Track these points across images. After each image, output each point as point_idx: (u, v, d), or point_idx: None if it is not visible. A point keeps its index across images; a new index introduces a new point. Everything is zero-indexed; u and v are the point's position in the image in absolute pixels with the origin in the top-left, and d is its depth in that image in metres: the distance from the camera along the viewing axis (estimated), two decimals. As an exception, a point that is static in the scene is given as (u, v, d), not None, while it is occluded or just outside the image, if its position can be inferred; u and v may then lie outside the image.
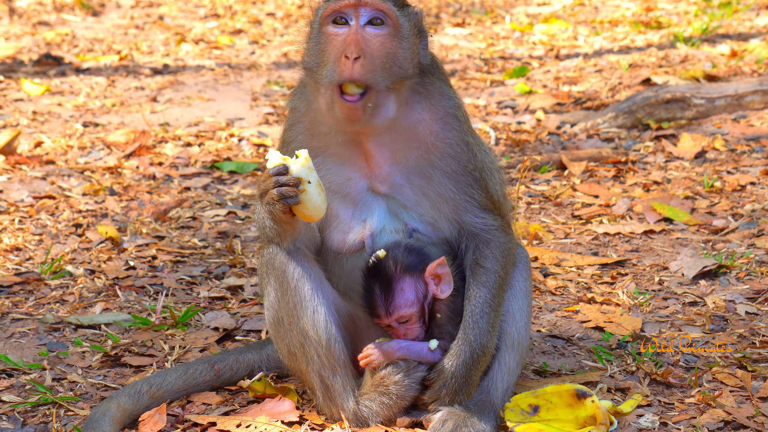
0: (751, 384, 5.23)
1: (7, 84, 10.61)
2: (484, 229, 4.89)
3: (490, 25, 12.94)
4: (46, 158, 8.49)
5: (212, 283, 6.52)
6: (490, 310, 4.81)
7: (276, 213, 4.66)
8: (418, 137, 4.82)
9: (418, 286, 4.76)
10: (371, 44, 4.66)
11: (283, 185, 4.59)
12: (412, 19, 4.79)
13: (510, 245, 4.94)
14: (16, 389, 5.33)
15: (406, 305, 4.75)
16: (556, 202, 7.59)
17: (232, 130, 9.24)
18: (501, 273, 4.88)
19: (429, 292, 4.79)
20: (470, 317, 4.80)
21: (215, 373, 5.31)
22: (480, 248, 4.89)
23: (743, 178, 7.84)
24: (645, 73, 10.36)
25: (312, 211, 4.62)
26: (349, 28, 4.68)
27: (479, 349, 4.77)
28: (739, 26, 12.16)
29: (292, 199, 4.59)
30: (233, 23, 13.04)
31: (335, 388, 4.86)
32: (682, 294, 6.24)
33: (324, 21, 4.73)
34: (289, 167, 4.60)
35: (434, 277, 4.78)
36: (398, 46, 4.73)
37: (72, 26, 12.95)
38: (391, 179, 4.84)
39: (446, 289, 4.80)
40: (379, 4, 4.69)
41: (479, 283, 4.84)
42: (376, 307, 4.75)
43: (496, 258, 4.88)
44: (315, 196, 4.60)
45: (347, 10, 4.69)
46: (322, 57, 4.72)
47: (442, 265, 4.78)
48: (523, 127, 9.24)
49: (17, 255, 6.85)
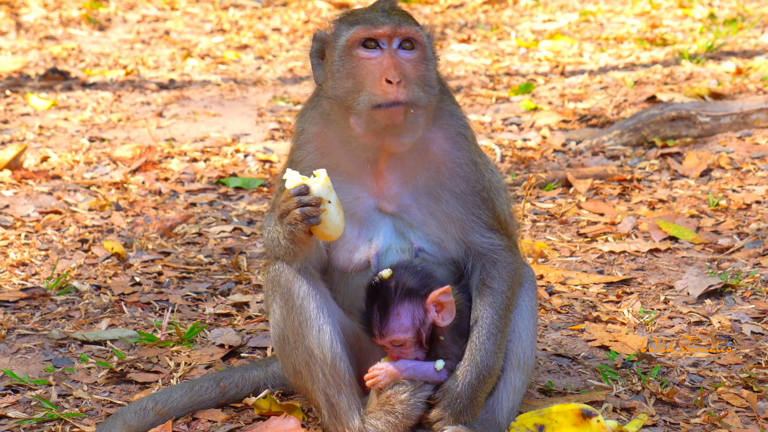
0: (757, 404, 5.23)
1: (13, 98, 10.63)
2: (491, 248, 4.90)
3: (496, 41, 12.96)
4: (53, 173, 8.51)
5: (218, 300, 6.52)
6: (496, 331, 4.81)
7: (297, 233, 4.67)
8: (430, 157, 4.85)
9: (416, 312, 4.75)
10: (406, 68, 4.71)
11: (306, 205, 4.60)
12: (431, 41, 4.84)
13: (516, 265, 4.95)
14: (21, 405, 5.34)
15: (400, 330, 4.74)
16: (562, 220, 7.60)
17: (238, 145, 9.26)
18: (508, 293, 4.88)
19: (428, 319, 4.76)
20: (477, 338, 4.80)
21: (221, 390, 5.31)
22: (487, 268, 4.90)
23: (749, 196, 7.84)
24: (650, 90, 10.36)
25: (331, 231, 4.63)
26: (383, 52, 4.72)
27: (486, 370, 4.77)
28: (744, 43, 12.18)
29: (314, 219, 4.60)
30: (239, 38, 13.07)
31: (341, 406, 4.86)
32: (687, 313, 6.23)
33: (352, 46, 4.75)
34: (309, 187, 4.61)
35: (436, 305, 4.76)
36: (426, 68, 4.79)
37: (78, 41, 12.98)
38: (399, 199, 4.85)
39: (447, 317, 4.77)
40: (412, 30, 4.75)
41: (486, 304, 4.84)
42: (372, 326, 4.76)
43: (503, 278, 4.88)
44: (335, 216, 4.61)
45: (381, 38, 4.73)
46: (354, 83, 4.73)
47: (446, 294, 4.75)
48: (528, 144, 9.25)
49: (23, 270, 6.86)
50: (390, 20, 4.73)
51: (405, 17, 4.79)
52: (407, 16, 4.82)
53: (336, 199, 4.63)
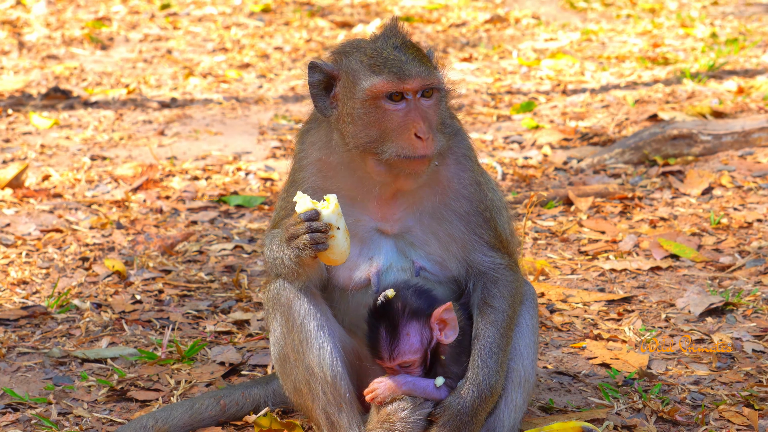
0: (759, 423, 5.22)
1: (15, 117, 10.65)
2: (492, 267, 4.90)
3: (498, 60, 12.98)
4: (54, 192, 8.52)
5: (218, 318, 6.52)
6: (498, 349, 4.81)
7: (304, 258, 4.67)
8: (438, 180, 4.85)
9: (423, 332, 4.74)
10: (429, 115, 4.71)
11: (315, 231, 4.60)
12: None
13: (517, 284, 4.95)
14: (21, 423, 5.33)
15: (411, 351, 4.72)
16: (563, 238, 7.59)
17: (240, 164, 9.27)
18: (509, 311, 4.87)
19: (434, 338, 4.76)
20: (479, 356, 4.79)
21: (221, 408, 5.31)
22: (488, 287, 4.89)
23: (750, 215, 7.84)
24: (652, 109, 10.37)
25: (337, 257, 4.63)
26: (408, 104, 4.69)
27: (488, 389, 4.76)
28: (746, 63, 12.19)
29: (322, 245, 4.60)
30: (241, 57, 13.10)
31: (341, 424, 4.86)
32: (689, 331, 6.22)
33: (377, 97, 4.69)
34: (320, 213, 4.60)
35: (440, 323, 4.75)
36: (444, 108, 4.83)
37: (81, 60, 13.01)
38: (402, 222, 4.85)
39: (451, 335, 4.76)
40: (436, 80, 4.73)
41: (488, 323, 4.83)
42: (380, 349, 4.73)
43: (504, 297, 4.88)
44: (342, 242, 4.61)
45: (408, 92, 4.71)
46: (378, 132, 4.70)
47: (448, 311, 4.74)
48: (529, 163, 9.25)
49: (24, 288, 6.86)
50: (415, 71, 4.67)
51: (424, 62, 4.73)
52: (425, 59, 4.76)
53: (344, 225, 4.62)
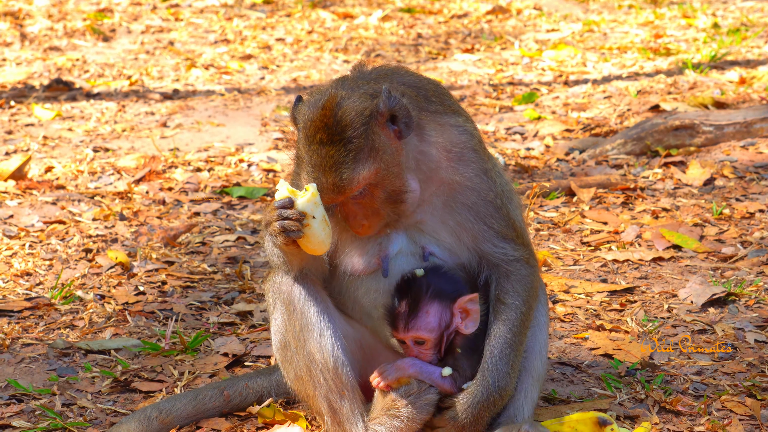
0: (761, 413, 5.23)
1: (18, 109, 10.65)
2: (504, 260, 4.81)
3: (499, 51, 12.97)
4: (57, 183, 8.52)
5: (222, 309, 6.53)
6: (510, 350, 4.75)
7: (278, 244, 4.68)
8: (442, 179, 4.77)
9: (443, 314, 4.73)
10: (363, 204, 4.67)
11: (286, 219, 4.59)
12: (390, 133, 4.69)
13: (533, 278, 4.85)
14: (26, 414, 5.34)
15: (426, 329, 4.72)
16: (565, 229, 7.60)
17: (242, 155, 9.27)
18: (523, 309, 4.80)
19: (453, 324, 4.75)
20: (489, 358, 4.75)
21: (225, 399, 5.32)
22: (501, 282, 4.82)
23: (752, 205, 7.84)
24: (654, 99, 10.37)
25: (315, 246, 4.62)
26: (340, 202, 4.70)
27: (496, 391, 4.73)
28: (748, 53, 12.18)
29: (294, 233, 4.58)
30: (243, 48, 13.09)
31: (343, 412, 4.85)
32: (691, 321, 6.23)
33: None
34: (294, 201, 4.60)
35: (462, 311, 4.74)
36: (393, 180, 4.68)
37: (83, 51, 13.01)
38: (412, 216, 4.82)
39: (471, 326, 4.75)
40: (347, 193, 4.63)
41: (500, 321, 4.77)
42: (397, 319, 4.73)
43: (518, 293, 4.81)
44: (319, 231, 4.60)
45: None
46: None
47: (473, 302, 4.73)
48: (531, 154, 9.25)
49: (27, 280, 6.87)
50: (328, 188, 4.60)
51: (343, 168, 4.57)
52: (347, 160, 4.58)
53: (322, 215, 4.60)
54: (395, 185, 4.66)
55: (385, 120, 4.61)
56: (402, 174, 4.67)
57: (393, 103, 4.60)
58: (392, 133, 4.64)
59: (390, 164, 4.63)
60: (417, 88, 4.85)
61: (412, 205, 4.73)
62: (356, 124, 4.55)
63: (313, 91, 4.76)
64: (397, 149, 4.65)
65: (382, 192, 4.64)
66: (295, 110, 4.71)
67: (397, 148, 4.65)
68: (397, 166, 4.65)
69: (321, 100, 4.59)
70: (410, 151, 4.70)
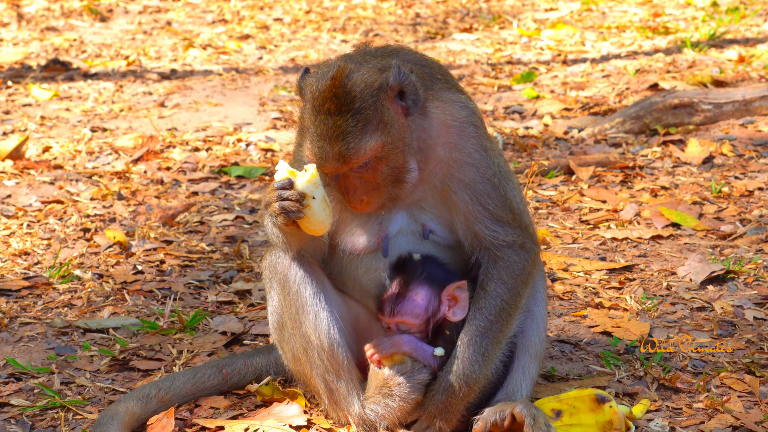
0: (759, 389, 5.23)
1: (15, 89, 10.63)
2: (494, 244, 4.74)
3: (498, 30, 12.94)
4: (54, 163, 8.51)
5: (220, 288, 6.53)
6: (481, 338, 4.70)
7: (278, 224, 4.66)
8: (440, 157, 4.73)
9: (432, 300, 4.71)
10: (364, 180, 4.64)
11: (286, 200, 4.57)
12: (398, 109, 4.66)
13: (524, 264, 4.78)
14: (24, 393, 5.34)
15: (412, 314, 4.71)
16: (564, 207, 7.59)
17: (240, 135, 9.26)
18: (506, 296, 4.74)
19: (441, 311, 4.74)
20: (460, 344, 4.71)
21: (223, 377, 5.32)
22: (488, 268, 4.76)
23: (751, 183, 7.83)
24: (652, 78, 10.35)
25: (315, 226, 4.60)
26: (341, 175, 4.66)
27: (462, 378, 4.69)
28: (747, 32, 12.16)
29: (293, 214, 4.55)
30: (241, 28, 13.06)
31: (340, 392, 4.85)
32: (690, 299, 6.23)
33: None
34: (294, 182, 4.59)
35: (450, 298, 4.72)
36: (397, 156, 4.65)
37: (80, 32, 12.98)
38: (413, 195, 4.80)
39: (459, 313, 4.72)
40: (352, 164, 4.59)
41: (476, 308, 4.73)
42: (384, 302, 4.73)
43: (503, 280, 4.74)
44: (319, 212, 4.58)
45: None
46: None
47: (461, 289, 4.71)
48: (530, 133, 9.24)
49: (26, 259, 6.87)
50: (333, 156, 4.55)
51: (350, 138, 4.54)
52: (355, 130, 4.55)
53: (322, 195, 4.58)
54: (398, 161, 4.63)
55: (394, 94, 4.59)
56: (405, 152, 4.64)
57: (402, 78, 4.58)
58: (400, 108, 4.62)
59: (396, 139, 4.60)
60: (422, 65, 4.83)
61: (411, 186, 4.71)
62: (365, 95, 4.52)
63: (320, 64, 4.74)
64: (402, 126, 4.63)
65: (385, 167, 4.61)
66: (302, 81, 4.67)
67: (403, 124, 4.63)
68: (402, 142, 4.62)
69: (330, 72, 4.55)
70: (414, 130, 4.68)
